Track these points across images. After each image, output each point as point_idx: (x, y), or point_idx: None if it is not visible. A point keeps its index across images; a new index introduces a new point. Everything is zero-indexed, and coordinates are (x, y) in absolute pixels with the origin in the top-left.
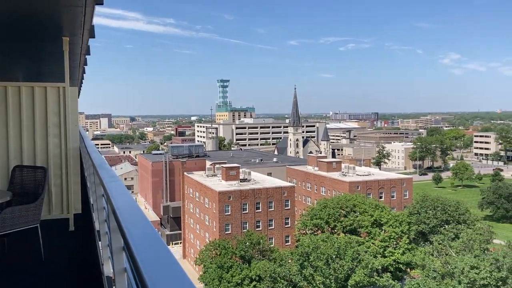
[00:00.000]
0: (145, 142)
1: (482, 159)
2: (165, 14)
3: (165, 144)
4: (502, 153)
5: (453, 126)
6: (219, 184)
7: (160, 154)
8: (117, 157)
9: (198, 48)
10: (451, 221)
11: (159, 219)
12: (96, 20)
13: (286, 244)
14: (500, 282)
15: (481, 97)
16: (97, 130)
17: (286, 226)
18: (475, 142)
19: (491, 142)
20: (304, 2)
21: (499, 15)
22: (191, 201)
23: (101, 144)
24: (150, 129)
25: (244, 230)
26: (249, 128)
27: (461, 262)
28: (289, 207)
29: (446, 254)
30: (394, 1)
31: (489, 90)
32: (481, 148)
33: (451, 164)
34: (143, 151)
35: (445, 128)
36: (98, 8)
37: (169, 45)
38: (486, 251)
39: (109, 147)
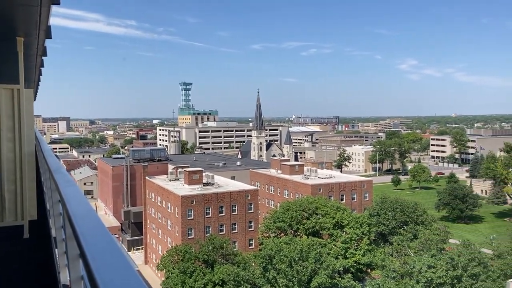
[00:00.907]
0: (105, 146)
1: (439, 161)
2: (127, 16)
3: (126, 148)
4: (457, 155)
5: (411, 130)
6: (181, 188)
7: (121, 158)
8: (76, 161)
9: (161, 50)
10: (409, 222)
11: (120, 225)
12: (53, 21)
13: (250, 247)
14: (455, 280)
15: (437, 101)
16: (55, 134)
17: (249, 229)
18: (432, 145)
19: (447, 145)
20: (267, 7)
21: (454, 24)
22: (153, 206)
23: (59, 148)
24: (111, 132)
25: (207, 234)
26: (212, 131)
27: (419, 262)
28: (252, 211)
29: (405, 255)
30: (354, 8)
31: (444, 95)
32: (437, 151)
33: (409, 166)
34: (103, 155)
35: (403, 132)
36: (55, 8)
37: (130, 47)
38: (442, 251)
39: (68, 151)
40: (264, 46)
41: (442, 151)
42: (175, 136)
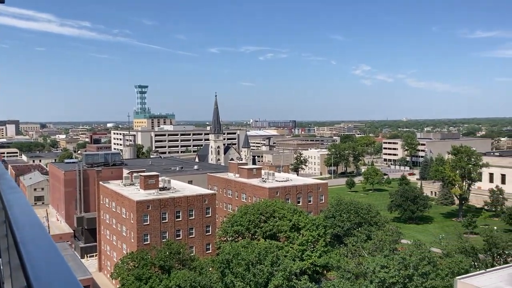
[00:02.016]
0: (57, 150)
1: (391, 164)
2: (80, 17)
3: (79, 152)
4: (408, 158)
5: (364, 134)
6: (137, 193)
7: (74, 162)
8: (25, 166)
9: (116, 52)
10: (363, 224)
11: (73, 231)
12: (0, 20)
13: (207, 252)
14: (407, 279)
15: (389, 106)
16: (2, 138)
17: (207, 234)
18: (384, 148)
19: (398, 149)
20: (224, 11)
21: (405, 31)
22: (107, 212)
23: (7, 153)
24: (63, 136)
25: (163, 240)
26: (169, 135)
27: (373, 263)
28: (210, 215)
29: (360, 255)
30: (309, 14)
31: (396, 99)
32: (389, 154)
33: (363, 169)
34: (55, 160)
35: (357, 136)
36: (1, 7)
37: (84, 49)
38: (394, 251)
39: (17, 156)
40: (221, 50)
41: (394, 154)
42: (130, 140)
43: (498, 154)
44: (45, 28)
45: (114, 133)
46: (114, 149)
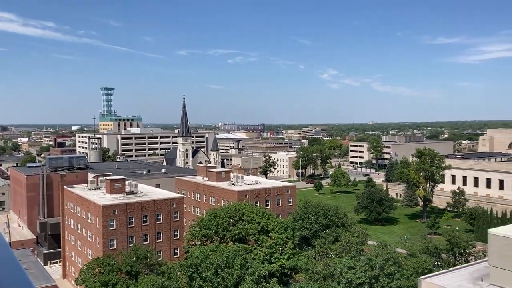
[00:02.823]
0: (19, 153)
1: (357, 166)
2: (44, 17)
3: (42, 155)
4: (374, 161)
5: (331, 137)
6: (103, 197)
7: (37, 166)
8: None
9: (81, 54)
10: (331, 225)
11: (35, 237)
12: None
13: (175, 256)
14: (373, 280)
15: (355, 109)
16: None
17: (175, 238)
18: (351, 151)
19: (364, 151)
20: (193, 13)
21: (371, 37)
22: (72, 217)
23: None
24: (25, 139)
25: (130, 245)
26: (136, 138)
27: (340, 264)
28: (178, 219)
29: (327, 257)
30: (278, 18)
31: (362, 103)
32: (356, 157)
33: (330, 171)
34: (17, 164)
35: (324, 139)
36: None
37: (48, 49)
38: (361, 252)
39: None
40: (190, 52)
41: (360, 157)
42: (96, 143)
43: (459, 156)
44: (6, 28)
45: (79, 136)
46: (79, 152)
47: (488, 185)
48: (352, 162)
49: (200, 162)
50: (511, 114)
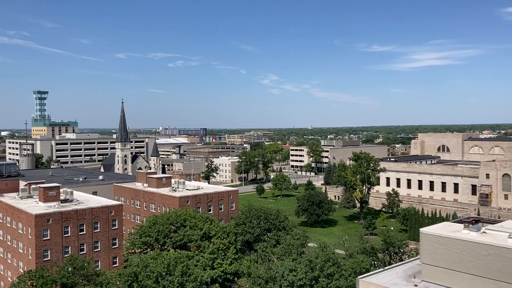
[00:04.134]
0: None
1: (298, 170)
2: None
3: None
4: (313, 164)
5: (272, 141)
6: (35, 206)
7: None
8: None
9: (12, 55)
10: (272, 229)
11: None
12: None
13: (114, 265)
14: (314, 281)
15: (295, 114)
16: None
17: (113, 246)
18: (291, 155)
19: (304, 155)
20: (131, 15)
21: (310, 43)
22: (1, 227)
23: None
24: None
25: (66, 255)
26: (71, 144)
27: (281, 267)
28: (116, 227)
29: (269, 260)
30: (218, 22)
31: (302, 108)
32: (296, 161)
33: (272, 175)
34: None
35: (266, 143)
36: None
37: None
38: (302, 254)
39: None
40: (128, 55)
41: (301, 161)
42: (28, 149)
43: (393, 159)
44: None
45: (10, 142)
46: (10, 159)
47: (420, 187)
48: (292, 166)
49: (140, 168)
50: (440, 119)
